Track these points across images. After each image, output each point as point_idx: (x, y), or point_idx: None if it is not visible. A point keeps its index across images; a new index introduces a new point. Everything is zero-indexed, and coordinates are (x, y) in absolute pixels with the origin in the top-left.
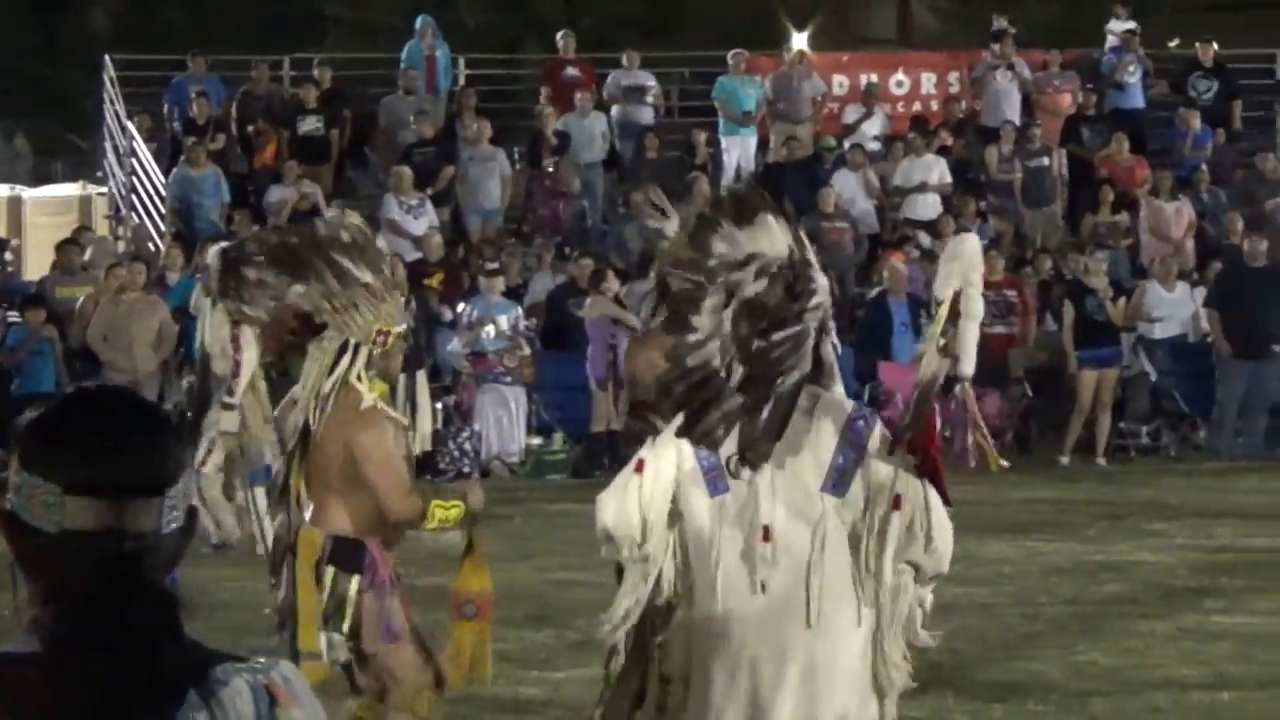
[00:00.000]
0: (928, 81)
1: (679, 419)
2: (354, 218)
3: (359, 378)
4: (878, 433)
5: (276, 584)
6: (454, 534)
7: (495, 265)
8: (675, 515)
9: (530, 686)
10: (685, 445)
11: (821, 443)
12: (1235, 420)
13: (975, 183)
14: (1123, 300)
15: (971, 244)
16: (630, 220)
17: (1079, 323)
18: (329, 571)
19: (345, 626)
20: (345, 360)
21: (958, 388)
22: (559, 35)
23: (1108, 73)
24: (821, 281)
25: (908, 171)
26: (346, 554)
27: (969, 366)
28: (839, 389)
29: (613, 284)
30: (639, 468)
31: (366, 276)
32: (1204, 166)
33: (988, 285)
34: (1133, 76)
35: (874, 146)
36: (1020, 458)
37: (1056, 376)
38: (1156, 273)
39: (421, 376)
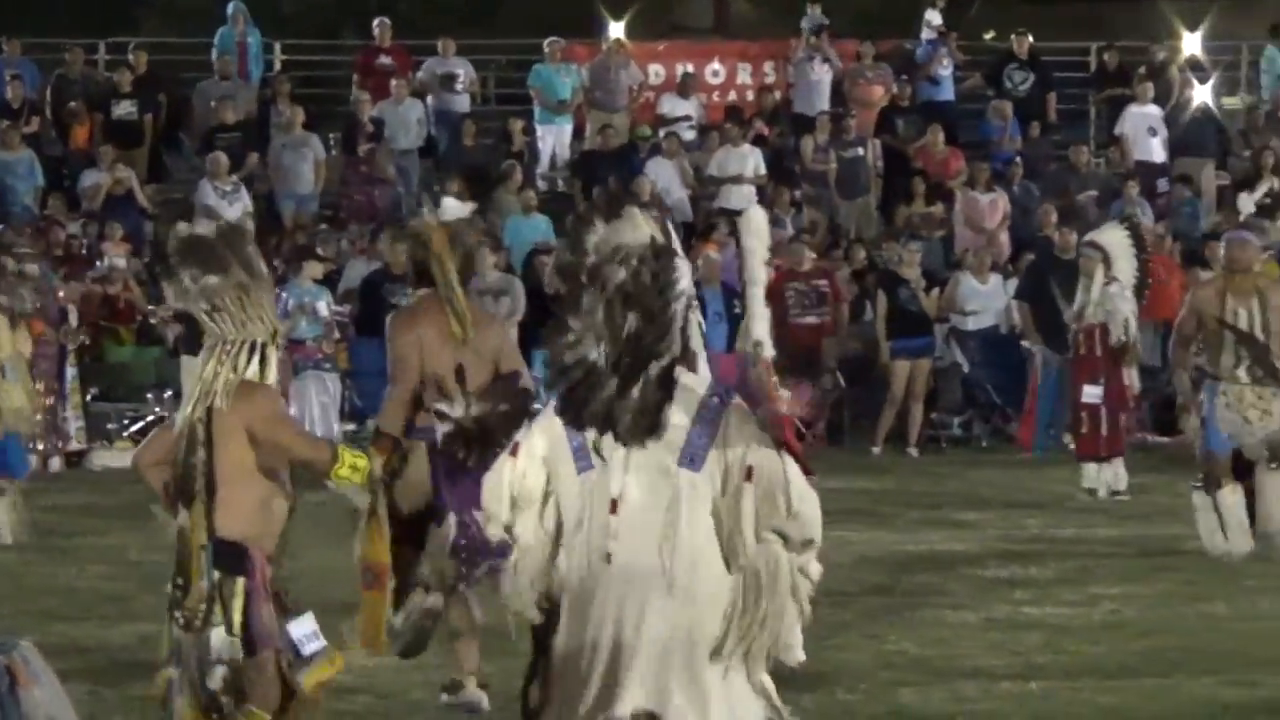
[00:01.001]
0: (743, 71)
1: (555, 400)
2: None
3: (253, 370)
4: (734, 409)
5: (182, 585)
6: (355, 491)
7: (320, 251)
8: (549, 494)
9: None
10: (557, 425)
11: (677, 421)
12: (1046, 413)
13: (790, 173)
14: (936, 291)
15: (755, 215)
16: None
17: (892, 313)
18: (216, 574)
19: (236, 626)
20: (255, 361)
21: (749, 351)
22: (375, 22)
23: (922, 64)
24: (684, 268)
25: (723, 161)
26: (230, 556)
27: (759, 330)
28: (703, 369)
29: None
30: (514, 450)
31: (264, 269)
32: (1018, 158)
33: (800, 276)
34: (946, 69)
35: (689, 135)
36: (832, 448)
37: (869, 367)
38: (969, 264)
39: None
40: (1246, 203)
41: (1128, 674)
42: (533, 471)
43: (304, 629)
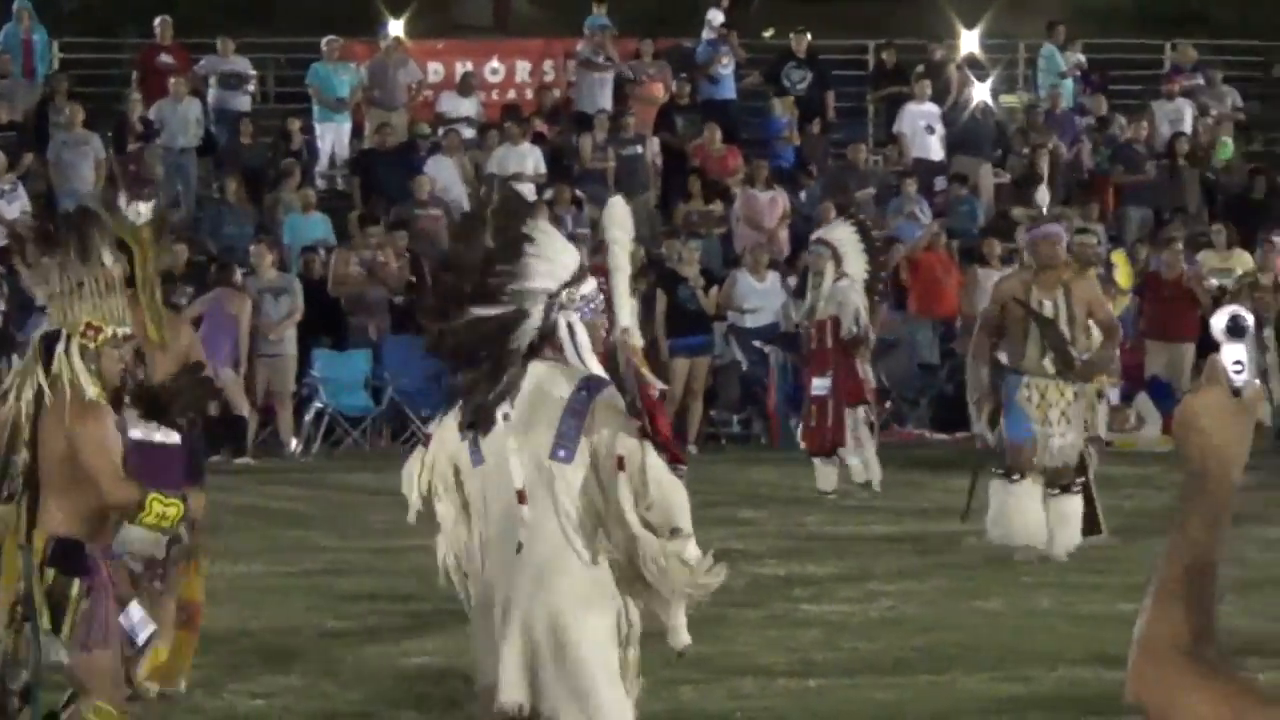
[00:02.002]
0: (523, 69)
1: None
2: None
3: (81, 372)
4: (603, 400)
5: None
6: (158, 535)
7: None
8: (459, 482)
9: None
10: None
11: (550, 413)
12: (783, 410)
13: (569, 171)
14: (715, 289)
15: (617, 206)
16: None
17: (671, 311)
18: (49, 573)
19: (65, 630)
20: (59, 351)
21: (614, 336)
22: (156, 21)
23: (702, 63)
24: (540, 267)
25: (502, 159)
26: (67, 556)
27: (624, 317)
28: (583, 361)
29: (239, 277)
30: (427, 441)
31: (108, 260)
32: (797, 156)
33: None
34: (726, 68)
35: (469, 134)
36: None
37: (648, 363)
38: (747, 262)
39: (16, 360)
40: (1044, 195)
41: (905, 670)
42: (441, 460)
43: (135, 617)
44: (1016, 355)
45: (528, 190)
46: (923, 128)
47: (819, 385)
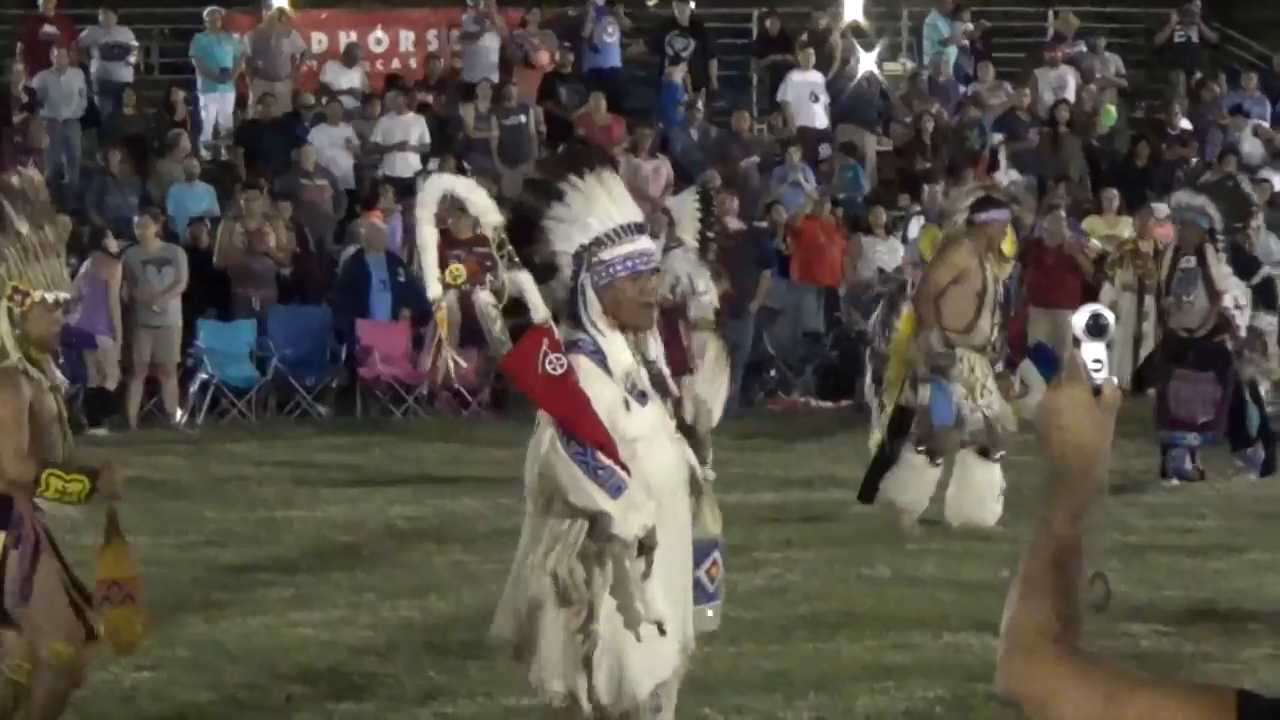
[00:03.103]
0: (407, 39)
1: None
2: (34, 172)
3: (6, 335)
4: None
5: None
6: (71, 510)
7: None
8: None
9: None
10: None
11: None
12: None
13: (453, 141)
14: None
15: (429, 183)
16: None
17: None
18: None
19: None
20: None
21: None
22: None
23: (587, 31)
24: (559, 228)
25: (387, 129)
26: None
27: (432, 289)
28: (586, 326)
29: (112, 243)
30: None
31: (24, 228)
32: (681, 125)
33: (462, 243)
34: (611, 37)
35: (353, 104)
36: (496, 415)
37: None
38: None
39: None
40: (1008, 177)
41: (789, 638)
42: None
43: None
44: (968, 327)
45: (412, 160)
46: (807, 96)
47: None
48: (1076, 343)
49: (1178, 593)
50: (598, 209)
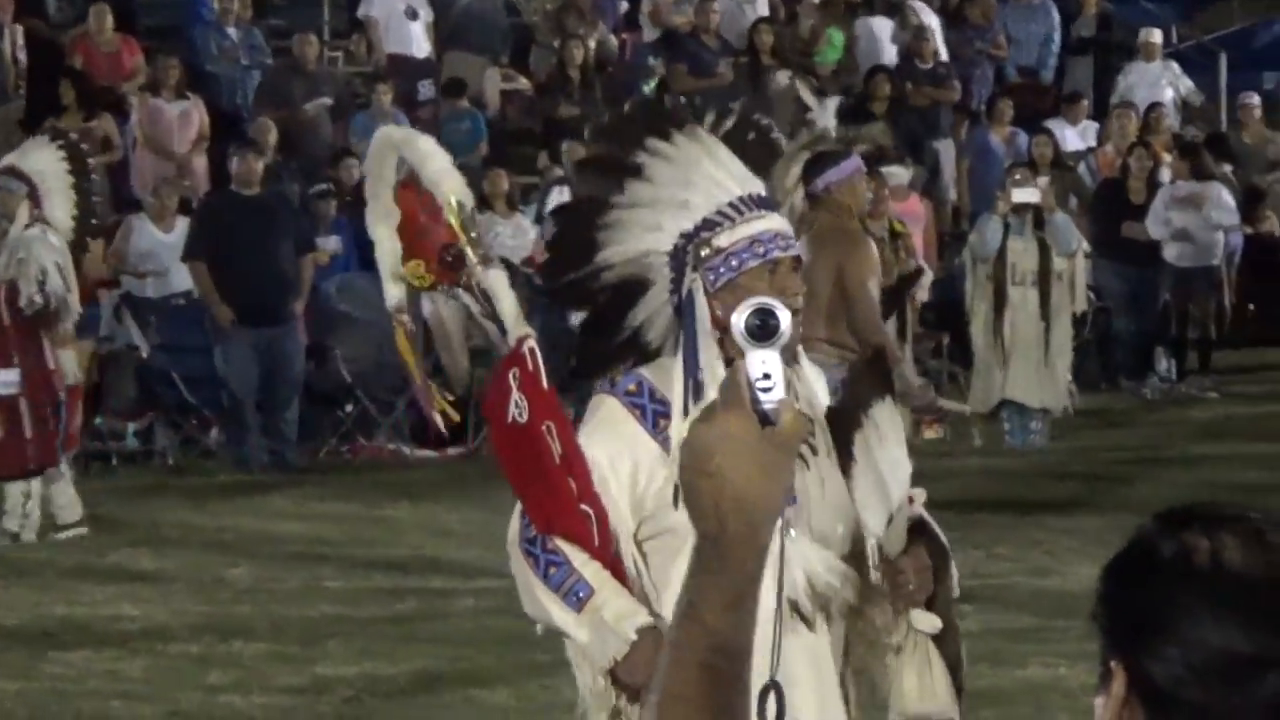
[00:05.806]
0: None
1: None
2: None
3: None
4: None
5: None
6: None
7: None
8: None
9: None
10: None
11: None
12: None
13: None
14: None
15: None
16: None
17: None
18: None
19: None
20: None
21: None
22: None
23: None
24: (641, 217)
25: None
26: None
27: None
28: (695, 349)
29: None
30: None
31: None
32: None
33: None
34: None
35: None
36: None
37: None
38: (148, 204)
39: None
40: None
41: None
42: None
43: None
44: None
45: None
46: (402, 10)
47: (3, 381)
48: (739, 352)
49: None
50: (699, 180)
